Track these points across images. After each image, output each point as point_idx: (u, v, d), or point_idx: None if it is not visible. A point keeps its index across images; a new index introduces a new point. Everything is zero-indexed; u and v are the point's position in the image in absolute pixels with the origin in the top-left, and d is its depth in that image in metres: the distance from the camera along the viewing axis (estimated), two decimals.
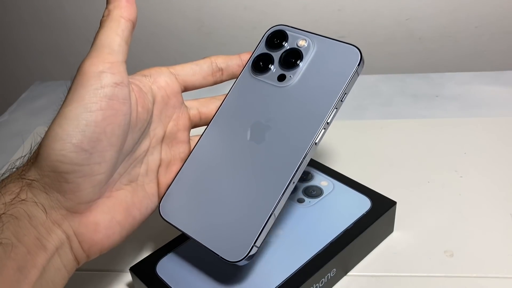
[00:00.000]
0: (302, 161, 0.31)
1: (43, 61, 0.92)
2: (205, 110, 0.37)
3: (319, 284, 0.34)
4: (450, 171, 0.47)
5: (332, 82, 0.33)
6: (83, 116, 0.27)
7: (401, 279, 0.36)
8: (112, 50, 0.30)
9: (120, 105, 0.29)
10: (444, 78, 0.65)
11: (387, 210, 0.38)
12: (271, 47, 0.36)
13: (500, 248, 0.38)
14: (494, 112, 0.57)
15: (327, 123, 0.32)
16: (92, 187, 0.29)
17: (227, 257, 0.30)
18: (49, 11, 0.85)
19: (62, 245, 0.28)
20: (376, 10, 0.76)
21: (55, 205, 0.28)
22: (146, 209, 0.33)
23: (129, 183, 0.32)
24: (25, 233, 0.26)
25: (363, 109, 0.60)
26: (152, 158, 0.34)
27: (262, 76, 0.35)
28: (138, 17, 0.32)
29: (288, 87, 0.34)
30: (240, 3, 0.78)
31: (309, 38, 0.35)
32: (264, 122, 0.33)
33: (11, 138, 0.60)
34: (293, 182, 0.31)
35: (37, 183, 0.28)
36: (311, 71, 0.34)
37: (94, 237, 0.29)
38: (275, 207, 0.30)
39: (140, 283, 0.34)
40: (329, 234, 0.36)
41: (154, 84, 0.34)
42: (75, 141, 0.27)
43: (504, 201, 0.43)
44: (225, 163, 0.34)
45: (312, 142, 0.31)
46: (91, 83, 0.28)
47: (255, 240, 0.30)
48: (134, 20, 0.31)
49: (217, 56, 0.37)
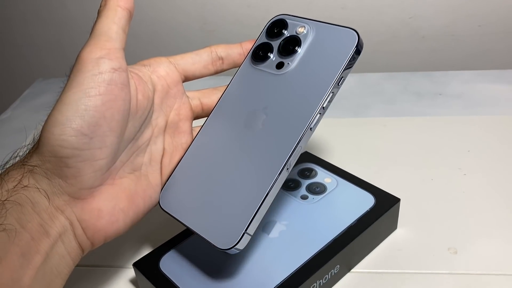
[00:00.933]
0: (296, 147, 0.31)
1: (46, 58, 0.92)
2: (207, 101, 0.37)
3: (323, 280, 0.34)
4: (453, 168, 0.47)
5: (328, 66, 0.32)
6: (82, 101, 0.28)
7: (405, 276, 0.36)
8: (110, 38, 0.30)
9: (119, 90, 0.29)
10: (447, 76, 0.65)
11: (390, 207, 0.38)
12: (271, 36, 0.36)
13: (504, 245, 0.38)
14: (497, 110, 0.57)
15: (322, 107, 0.31)
16: (93, 172, 0.29)
17: (218, 244, 0.29)
18: (51, 9, 0.85)
19: (66, 232, 0.28)
20: (380, 8, 0.75)
21: (57, 191, 0.28)
22: (150, 198, 0.33)
23: (132, 171, 0.32)
24: (28, 220, 0.27)
25: (367, 107, 0.60)
26: (155, 148, 0.34)
27: (261, 65, 0.35)
28: (142, 15, 0.32)
29: (285, 74, 0.34)
30: (243, 1, 0.77)
31: (307, 25, 0.35)
32: (260, 111, 0.33)
33: (14, 134, 0.61)
34: (286, 169, 0.31)
35: (38, 169, 0.28)
36: (308, 57, 0.34)
37: (98, 224, 0.30)
38: (267, 194, 0.30)
39: (143, 278, 0.34)
40: (333, 231, 0.36)
41: (153, 73, 0.34)
42: (74, 125, 0.27)
43: (508, 198, 0.42)
44: (222, 153, 0.33)
45: (306, 127, 0.31)
46: (89, 69, 0.28)
47: (247, 227, 0.29)
48: (131, 9, 0.32)
49: (218, 45, 0.37)
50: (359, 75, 0.67)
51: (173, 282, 0.33)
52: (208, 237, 0.30)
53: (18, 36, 0.90)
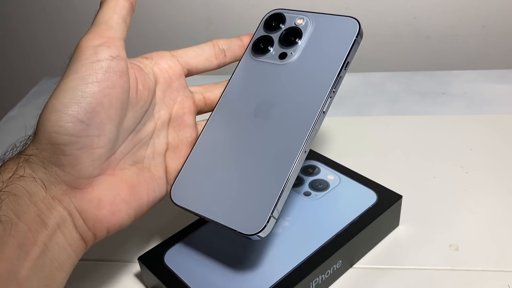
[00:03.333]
0: (312, 129, 0.31)
1: (52, 57, 0.93)
2: (210, 95, 0.37)
3: (325, 275, 0.34)
4: (456, 167, 0.47)
5: (334, 51, 0.33)
6: (79, 87, 0.28)
7: (406, 272, 0.36)
8: (110, 27, 0.30)
9: (117, 78, 0.29)
10: (450, 76, 0.66)
11: (393, 203, 0.38)
12: (269, 29, 0.36)
13: (505, 242, 0.38)
14: (500, 109, 0.57)
15: (333, 91, 0.32)
16: (91, 160, 0.28)
17: (245, 231, 0.29)
18: (58, 8, 0.86)
19: (64, 222, 0.28)
20: (384, 8, 0.76)
21: (54, 180, 0.28)
22: (154, 192, 0.33)
23: (134, 164, 0.32)
24: (25, 210, 0.26)
25: (370, 106, 0.60)
26: (159, 141, 0.34)
27: (263, 57, 0.36)
28: (147, 15, 0.32)
29: (290, 63, 0.34)
30: (248, 1, 0.78)
31: (306, 17, 0.35)
32: (269, 99, 0.34)
33: (21, 131, 0.61)
34: (304, 151, 0.31)
35: (35, 157, 0.28)
36: (311, 44, 0.34)
37: (98, 214, 0.29)
38: (289, 176, 0.30)
39: (148, 272, 0.35)
40: (335, 227, 0.36)
41: (155, 66, 0.34)
42: (71, 111, 0.27)
43: (509, 196, 0.43)
44: (234, 143, 0.34)
45: (320, 110, 0.32)
46: (87, 56, 0.28)
47: (272, 210, 0.29)
48: (133, 1, 0.32)
49: (218, 40, 0.37)
50: (363, 74, 0.68)
51: (178, 276, 0.33)
52: (232, 226, 0.30)
53: (25, 35, 0.91)
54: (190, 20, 0.82)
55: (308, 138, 0.31)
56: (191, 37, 0.84)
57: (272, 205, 0.30)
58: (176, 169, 0.34)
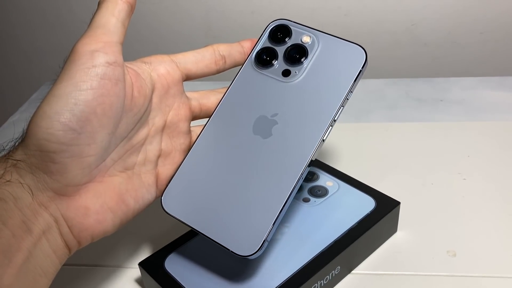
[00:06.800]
0: (311, 157, 0.32)
1: (53, 63, 0.93)
2: (206, 101, 0.37)
3: (324, 281, 0.35)
4: (453, 173, 0.47)
5: (338, 80, 0.33)
6: (72, 94, 0.27)
7: (404, 277, 0.37)
8: (107, 30, 0.29)
9: (112, 85, 0.28)
10: (449, 82, 0.66)
11: (391, 210, 0.38)
12: (274, 41, 0.36)
13: (502, 248, 0.38)
14: (498, 116, 0.57)
15: (334, 120, 0.33)
16: (81, 169, 0.28)
17: (238, 251, 0.30)
18: (58, 14, 0.87)
19: (50, 229, 0.27)
20: (383, 15, 0.76)
21: (41, 186, 0.27)
22: (142, 199, 0.32)
23: (124, 170, 0.31)
24: (10, 216, 0.25)
25: (369, 112, 0.61)
26: (151, 148, 0.33)
27: (265, 70, 0.35)
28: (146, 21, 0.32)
29: (293, 82, 0.34)
30: (247, 7, 0.78)
31: (313, 35, 0.35)
32: (269, 117, 0.34)
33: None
34: (302, 178, 0.32)
35: (23, 163, 0.27)
36: (317, 68, 0.34)
37: (84, 222, 0.28)
38: (285, 202, 0.31)
39: (148, 278, 0.35)
40: (334, 233, 0.36)
41: (154, 71, 0.33)
42: (63, 119, 0.26)
43: (506, 203, 0.43)
44: (230, 157, 0.34)
45: (320, 139, 0.32)
46: (83, 61, 0.27)
47: (267, 235, 0.30)
48: (133, 3, 0.31)
49: (219, 44, 0.36)
50: (361, 81, 0.67)
51: (178, 282, 0.34)
52: (226, 244, 0.31)
53: (26, 41, 0.92)
54: (190, 26, 0.83)
55: (306, 165, 0.32)
56: (191, 43, 0.84)
57: (267, 230, 0.30)
58: (168, 176, 0.34)
